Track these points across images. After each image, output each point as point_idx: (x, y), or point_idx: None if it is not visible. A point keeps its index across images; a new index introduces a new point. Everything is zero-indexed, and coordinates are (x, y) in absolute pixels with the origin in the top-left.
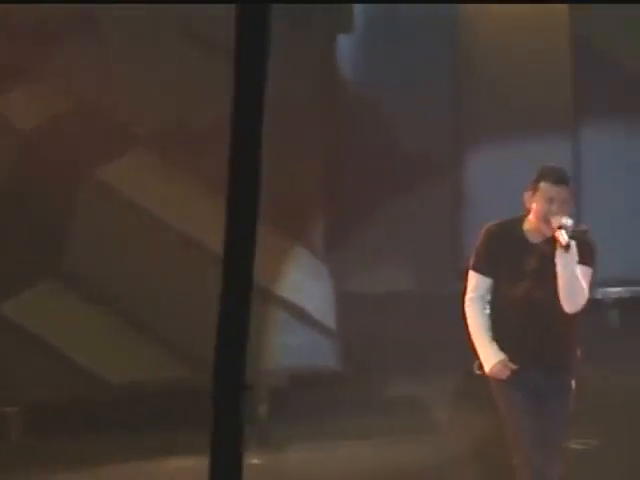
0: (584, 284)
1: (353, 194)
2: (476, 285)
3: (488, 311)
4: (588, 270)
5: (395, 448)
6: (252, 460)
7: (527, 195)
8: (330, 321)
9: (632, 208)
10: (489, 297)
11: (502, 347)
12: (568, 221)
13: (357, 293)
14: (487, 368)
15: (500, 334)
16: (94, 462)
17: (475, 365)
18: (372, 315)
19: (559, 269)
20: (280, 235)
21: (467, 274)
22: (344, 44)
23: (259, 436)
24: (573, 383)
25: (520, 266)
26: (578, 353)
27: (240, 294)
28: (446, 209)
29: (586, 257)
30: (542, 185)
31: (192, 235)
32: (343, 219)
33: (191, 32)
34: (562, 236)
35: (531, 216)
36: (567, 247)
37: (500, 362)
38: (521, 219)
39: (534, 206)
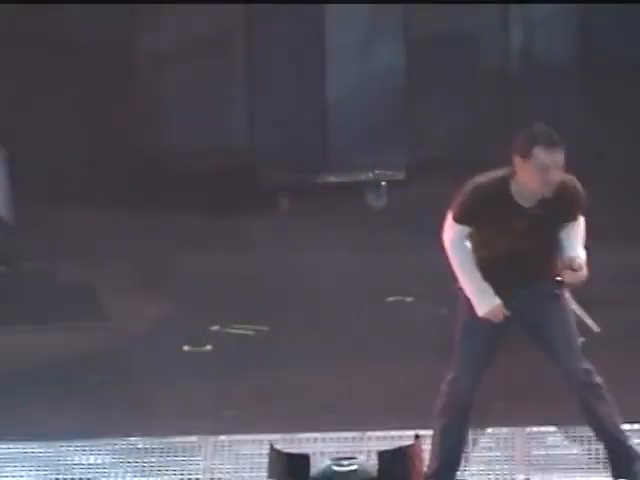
0: (585, 271)
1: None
2: (459, 232)
3: (470, 246)
4: (582, 219)
5: (68, 334)
6: None
7: (517, 159)
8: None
9: None
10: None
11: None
12: (581, 260)
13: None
14: (481, 312)
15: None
16: None
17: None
18: (49, 202)
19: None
20: None
21: None
22: None
23: None
24: (565, 296)
25: (509, 225)
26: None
27: None
28: None
29: (580, 208)
30: (535, 151)
31: None
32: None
33: None
34: (578, 274)
35: (522, 178)
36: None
37: (497, 307)
38: (507, 179)
39: (528, 173)
